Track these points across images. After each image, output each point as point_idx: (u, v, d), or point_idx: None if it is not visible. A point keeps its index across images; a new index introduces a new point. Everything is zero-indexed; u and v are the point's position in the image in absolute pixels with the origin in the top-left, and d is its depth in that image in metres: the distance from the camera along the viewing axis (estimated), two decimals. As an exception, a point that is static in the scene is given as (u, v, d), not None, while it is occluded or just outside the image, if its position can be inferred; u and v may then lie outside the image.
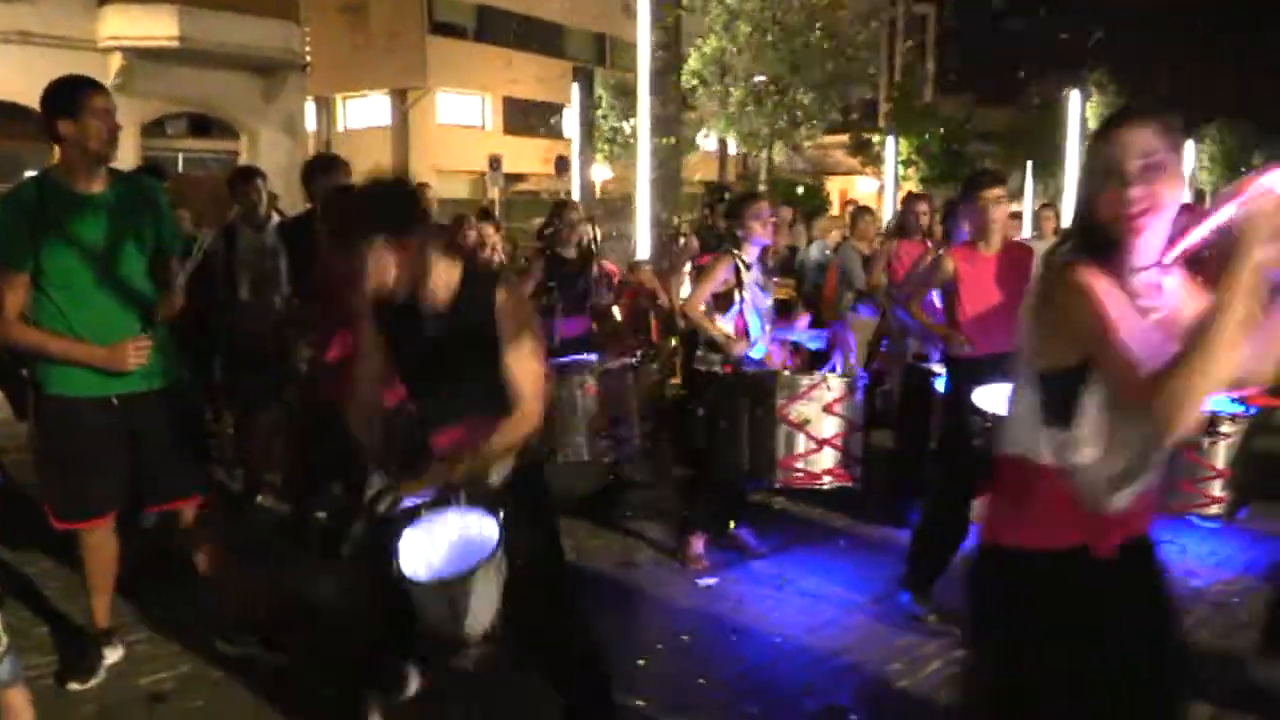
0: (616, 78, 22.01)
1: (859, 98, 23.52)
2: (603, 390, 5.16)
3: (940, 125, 32.02)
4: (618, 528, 5.69)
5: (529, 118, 32.86)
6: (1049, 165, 27.93)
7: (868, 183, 33.63)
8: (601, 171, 26.09)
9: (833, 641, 4.25)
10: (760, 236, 5.06)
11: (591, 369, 5.19)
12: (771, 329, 5.21)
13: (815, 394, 4.77)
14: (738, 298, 5.00)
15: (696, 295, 5.07)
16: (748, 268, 5.04)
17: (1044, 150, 28.68)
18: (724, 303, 5.02)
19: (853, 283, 7.69)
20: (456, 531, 2.73)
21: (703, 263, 5.77)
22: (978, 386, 4.14)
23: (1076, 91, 20.35)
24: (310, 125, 27.61)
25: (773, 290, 5.45)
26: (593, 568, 5.04)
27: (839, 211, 20.53)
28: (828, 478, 4.81)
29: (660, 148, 10.23)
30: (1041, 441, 2.08)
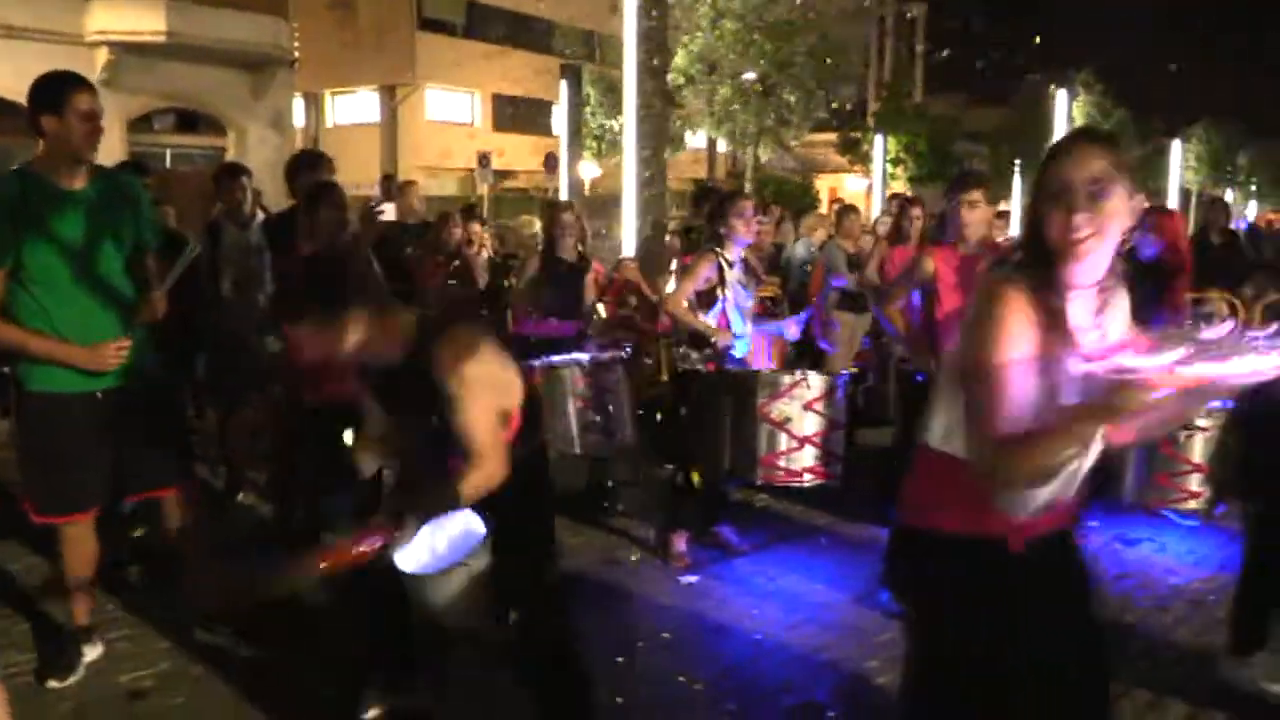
0: (605, 75, 21.98)
1: (846, 97, 23.54)
2: (594, 383, 5.17)
3: (929, 124, 32.08)
4: (601, 525, 5.70)
5: (518, 114, 32.83)
6: (1037, 165, 27.93)
7: (856, 181, 33.66)
8: (590, 169, 26.07)
9: (813, 639, 4.27)
10: (743, 235, 5.08)
11: (582, 364, 5.21)
12: (753, 325, 5.24)
13: (796, 392, 4.79)
14: (720, 296, 5.02)
15: (679, 292, 5.08)
16: (730, 266, 5.06)
17: (1032, 150, 28.75)
18: (707, 301, 5.04)
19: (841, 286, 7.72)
20: (458, 525, 2.76)
21: (686, 261, 5.79)
22: None
23: (1064, 91, 20.40)
24: (299, 121, 27.54)
25: (756, 289, 5.47)
26: (575, 564, 5.03)
27: (826, 210, 20.57)
28: (808, 475, 4.83)
29: (647, 145, 10.22)
30: (962, 440, 2.15)
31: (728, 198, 5.33)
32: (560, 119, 12.58)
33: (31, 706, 3.49)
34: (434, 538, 2.75)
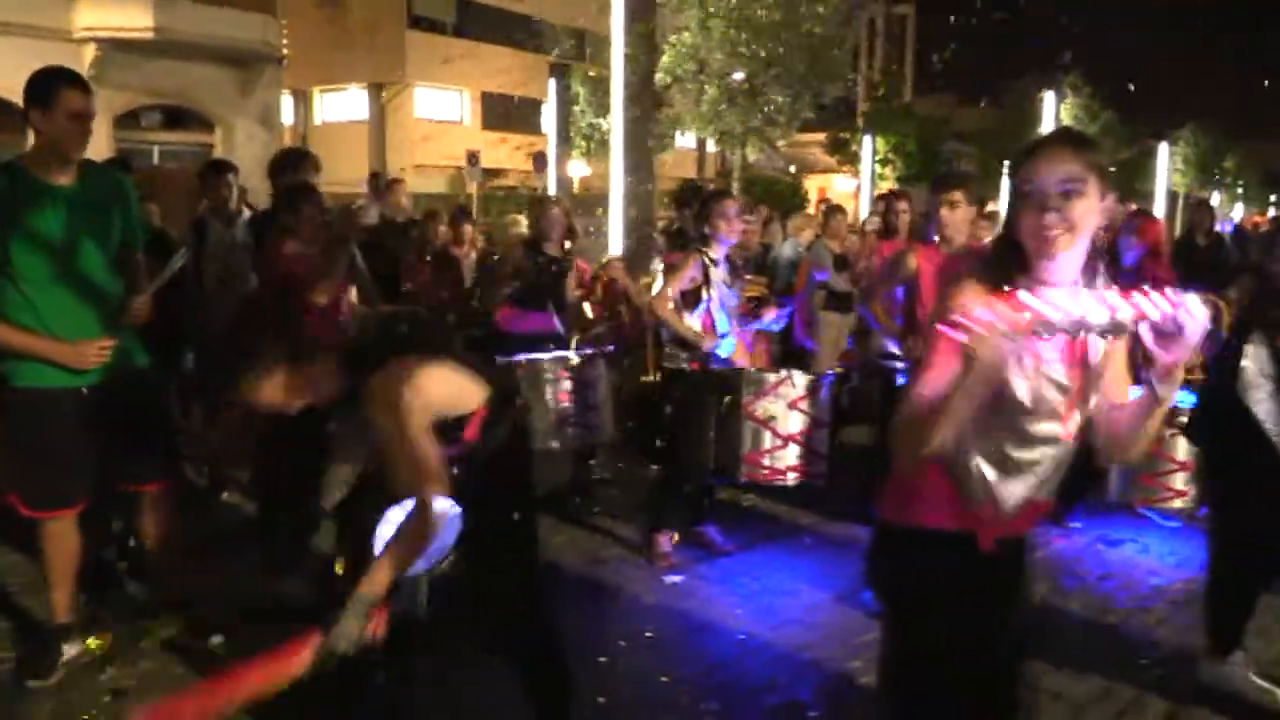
0: (595, 74, 21.95)
1: (834, 97, 23.54)
2: (575, 379, 5.17)
3: (917, 125, 32.14)
4: (585, 524, 5.69)
5: (508, 113, 32.75)
6: (1024, 166, 27.96)
7: (845, 181, 33.70)
8: (580, 168, 26.05)
9: (796, 638, 4.27)
10: (727, 235, 5.08)
11: (564, 360, 5.20)
12: (738, 325, 5.24)
13: (781, 391, 4.80)
14: (705, 295, 5.02)
15: (664, 292, 5.08)
16: (715, 264, 5.07)
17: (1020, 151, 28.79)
18: (691, 300, 5.04)
19: (824, 282, 7.73)
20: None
21: (670, 260, 5.79)
22: None
23: (1052, 93, 20.51)
24: (287, 119, 27.47)
25: (742, 288, 5.47)
26: (559, 563, 5.04)
27: (814, 210, 20.58)
28: (792, 474, 4.84)
29: (634, 145, 10.22)
30: None
31: (711, 198, 5.32)
32: (549, 118, 12.58)
33: (11, 705, 3.46)
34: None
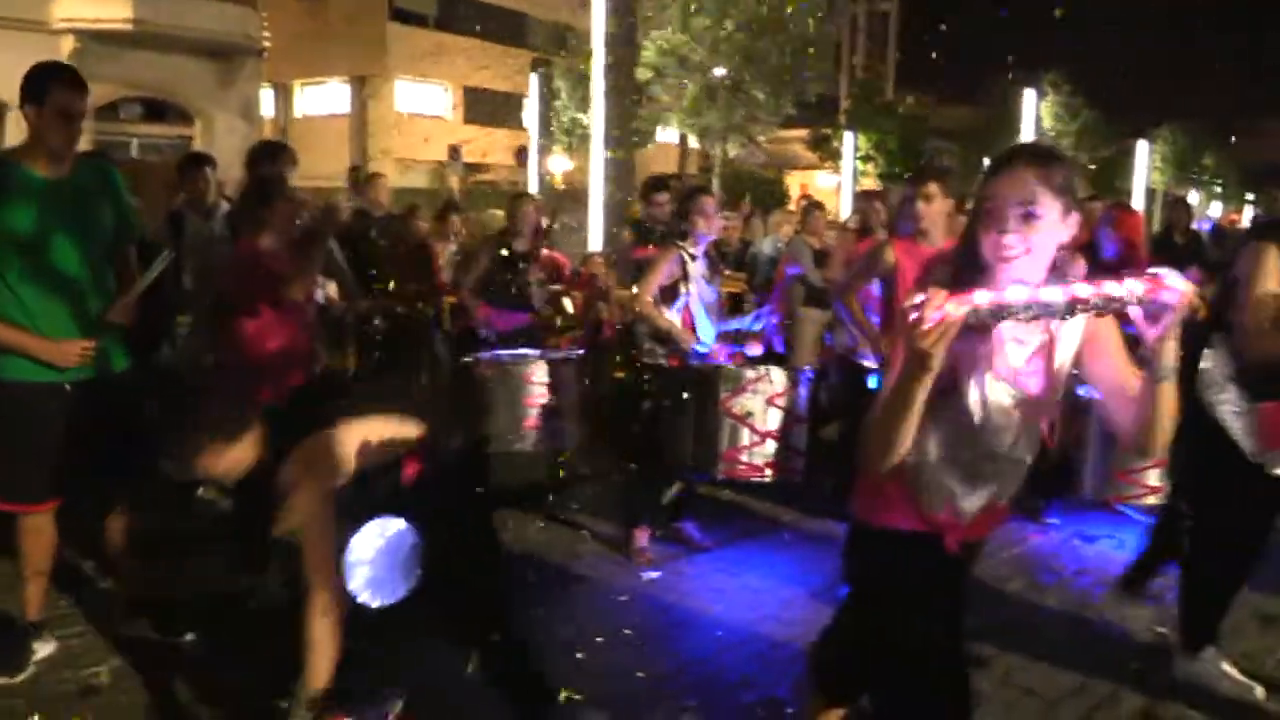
0: (577, 68, 21.90)
1: (815, 93, 23.56)
2: (543, 380, 5.16)
3: (899, 122, 32.24)
4: (563, 520, 5.68)
5: (490, 107, 32.65)
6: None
7: (827, 178, 33.77)
8: (562, 162, 26.00)
9: (774, 635, 4.28)
10: (705, 232, 5.08)
11: (531, 360, 5.20)
12: (717, 321, 5.24)
13: (759, 387, 4.79)
14: (683, 291, 5.02)
15: (644, 288, 5.07)
16: (693, 260, 5.06)
17: (1001, 149, 28.93)
18: (669, 296, 5.04)
19: (804, 277, 7.73)
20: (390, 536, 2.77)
21: (638, 255, 5.78)
22: None
23: (1032, 91, 20.59)
24: (268, 112, 27.30)
25: (721, 284, 5.47)
26: (537, 560, 5.04)
27: (795, 207, 20.61)
28: (770, 470, 4.83)
29: (615, 140, 10.20)
30: None
31: (690, 194, 5.32)
32: (531, 112, 12.55)
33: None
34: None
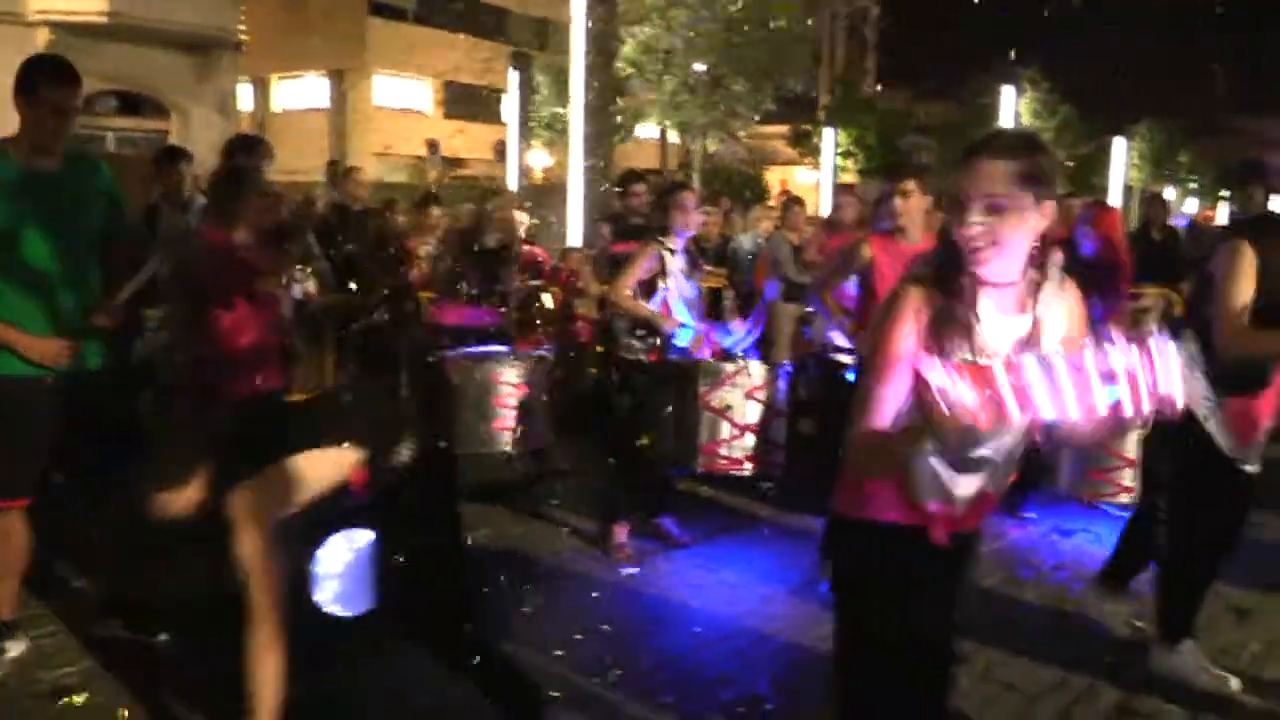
0: (556, 63, 21.83)
1: (795, 89, 23.58)
2: (510, 381, 5.14)
3: (879, 118, 32.30)
4: (541, 516, 5.67)
5: (469, 102, 32.50)
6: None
7: (807, 173, 33.80)
8: (541, 158, 25.92)
9: (752, 631, 4.27)
10: (684, 227, 5.07)
11: (502, 358, 5.18)
12: (697, 316, 5.23)
13: (738, 380, 4.79)
14: (660, 286, 5.01)
15: (622, 282, 5.06)
16: (673, 254, 5.06)
17: (978, 144, 28.97)
18: (646, 291, 5.03)
19: (783, 273, 7.74)
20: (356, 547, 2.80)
21: (616, 250, 5.77)
22: None
23: (1010, 87, 20.66)
24: (247, 105, 27.11)
25: (701, 279, 5.46)
26: (515, 557, 5.01)
27: (775, 202, 20.63)
28: (749, 464, 4.84)
29: (595, 135, 10.17)
30: None
31: (669, 189, 5.32)
32: (510, 107, 12.49)
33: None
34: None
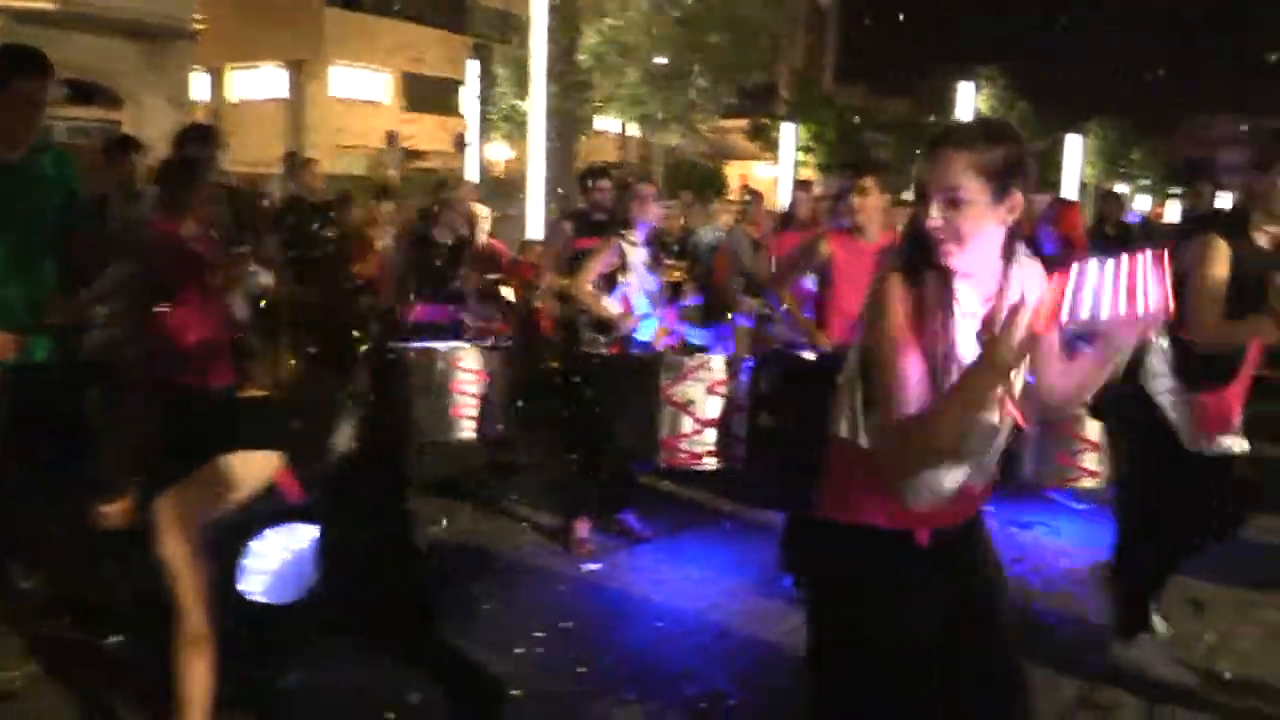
0: (517, 55, 21.73)
1: (755, 83, 23.61)
2: (469, 369, 5.11)
3: (837, 114, 32.44)
4: (502, 511, 5.62)
5: (429, 94, 32.21)
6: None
7: (766, 168, 33.88)
8: (502, 150, 25.77)
9: (715, 626, 4.26)
10: (644, 219, 5.04)
11: (456, 349, 5.15)
12: (660, 310, 5.21)
13: (699, 374, 4.77)
14: (621, 280, 4.99)
15: (583, 276, 5.03)
16: (635, 247, 5.03)
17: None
18: (607, 285, 5.01)
19: (743, 267, 7.73)
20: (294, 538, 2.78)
21: (579, 245, 5.73)
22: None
23: (969, 84, 20.87)
24: (203, 96, 26.68)
25: (662, 272, 5.43)
26: (475, 551, 4.97)
27: (735, 196, 20.66)
28: (711, 459, 4.81)
29: (555, 128, 10.12)
30: (862, 427, 2.18)
31: (627, 184, 5.30)
32: (469, 98, 12.39)
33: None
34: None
